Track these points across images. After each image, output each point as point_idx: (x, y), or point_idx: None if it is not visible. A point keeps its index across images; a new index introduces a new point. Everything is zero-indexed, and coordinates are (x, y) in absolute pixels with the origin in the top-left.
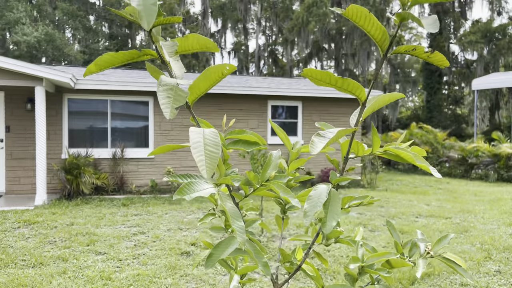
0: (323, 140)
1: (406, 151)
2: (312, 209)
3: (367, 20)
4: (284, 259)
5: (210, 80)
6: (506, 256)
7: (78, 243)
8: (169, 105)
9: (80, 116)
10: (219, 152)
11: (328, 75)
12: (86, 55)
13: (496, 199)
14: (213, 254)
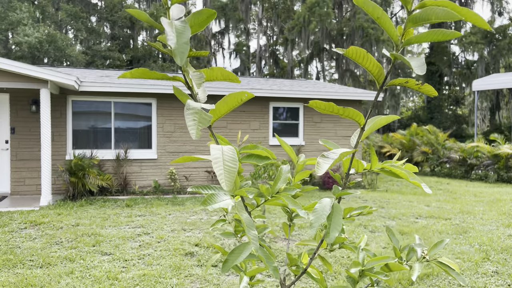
0: (327, 161)
1: (401, 168)
2: (317, 220)
3: (365, 59)
4: (291, 262)
5: (230, 105)
6: (504, 257)
7: (84, 243)
8: (195, 127)
9: (84, 118)
10: (236, 167)
11: (331, 105)
12: (88, 56)
13: (496, 200)
14: (229, 259)
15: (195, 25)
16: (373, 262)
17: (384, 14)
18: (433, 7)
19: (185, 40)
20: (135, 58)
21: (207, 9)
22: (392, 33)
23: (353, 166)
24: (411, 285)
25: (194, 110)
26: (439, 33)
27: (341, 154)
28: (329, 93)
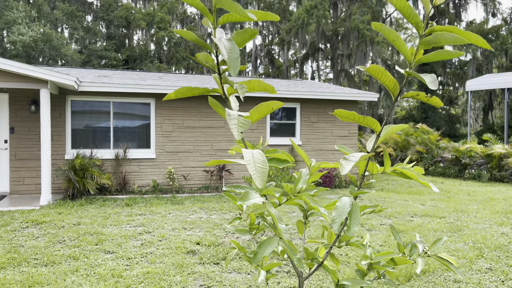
0: (349, 163)
1: (411, 170)
2: (339, 217)
3: (384, 75)
4: (308, 256)
5: (261, 113)
6: (497, 254)
7: (87, 242)
8: (236, 129)
9: (83, 118)
10: (267, 168)
11: (353, 114)
12: (84, 55)
13: (489, 199)
14: (258, 252)
15: (238, 43)
16: (380, 257)
17: (399, 37)
18: (443, 33)
19: (236, 56)
20: (131, 57)
21: (250, 29)
22: (406, 53)
23: (368, 169)
24: (408, 281)
25: (234, 116)
26: (445, 53)
27: (360, 157)
28: (325, 94)
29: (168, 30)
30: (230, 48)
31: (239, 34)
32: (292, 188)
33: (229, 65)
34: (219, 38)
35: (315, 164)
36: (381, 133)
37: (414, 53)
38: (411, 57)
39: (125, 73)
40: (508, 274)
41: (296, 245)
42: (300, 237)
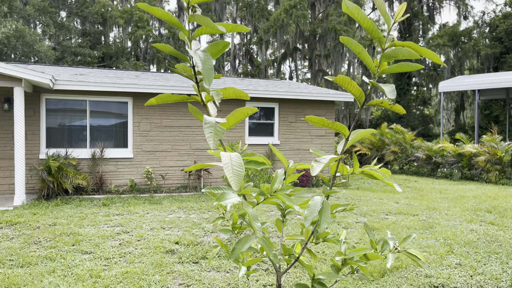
0: (319, 165)
1: (378, 171)
2: (311, 214)
3: (350, 84)
4: (285, 252)
5: (237, 118)
6: (466, 250)
7: (63, 243)
8: (211, 138)
9: (59, 116)
10: (243, 171)
11: (323, 120)
12: (58, 52)
13: (459, 196)
14: (236, 248)
15: (213, 54)
16: (354, 252)
17: (364, 51)
18: (400, 48)
19: (210, 67)
20: (107, 55)
21: (222, 41)
22: (370, 66)
23: (339, 170)
24: (382, 277)
25: (210, 124)
26: (406, 66)
27: (330, 159)
28: (303, 94)
29: (147, 28)
30: (205, 59)
31: (213, 46)
32: (269, 188)
33: (204, 75)
34: (195, 51)
35: (292, 166)
36: (349, 137)
37: (378, 65)
38: (375, 69)
39: (101, 71)
40: (476, 269)
41: (275, 243)
42: (279, 235)
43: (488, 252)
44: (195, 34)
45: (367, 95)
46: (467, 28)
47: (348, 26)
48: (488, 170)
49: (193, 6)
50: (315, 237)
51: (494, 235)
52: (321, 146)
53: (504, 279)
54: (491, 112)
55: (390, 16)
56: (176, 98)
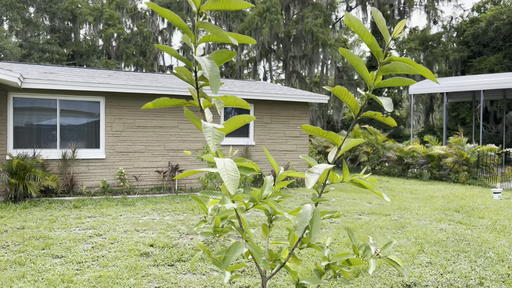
0: (314, 176)
1: (366, 181)
2: (302, 224)
3: (346, 95)
4: (271, 257)
5: (234, 125)
6: (436, 249)
7: (33, 247)
8: (211, 141)
9: (27, 116)
10: (238, 176)
11: (318, 129)
12: (25, 49)
13: (429, 196)
14: (227, 256)
15: (217, 62)
16: (337, 258)
17: (361, 63)
18: (399, 63)
19: (216, 75)
20: (77, 53)
21: (228, 50)
22: (367, 78)
23: (329, 178)
24: (357, 277)
25: (209, 129)
26: (401, 80)
27: (324, 170)
28: (278, 95)
29: (118, 27)
30: (211, 67)
31: (218, 54)
32: (259, 195)
33: (211, 83)
34: (200, 57)
35: (283, 173)
36: (341, 146)
37: (374, 77)
38: (371, 81)
39: (72, 69)
40: (446, 267)
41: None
42: (262, 237)
43: (457, 251)
44: (201, 40)
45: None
46: (437, 33)
47: (323, 27)
48: (456, 171)
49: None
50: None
51: (463, 234)
52: (296, 147)
53: (473, 277)
54: (458, 114)
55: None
56: (174, 102)
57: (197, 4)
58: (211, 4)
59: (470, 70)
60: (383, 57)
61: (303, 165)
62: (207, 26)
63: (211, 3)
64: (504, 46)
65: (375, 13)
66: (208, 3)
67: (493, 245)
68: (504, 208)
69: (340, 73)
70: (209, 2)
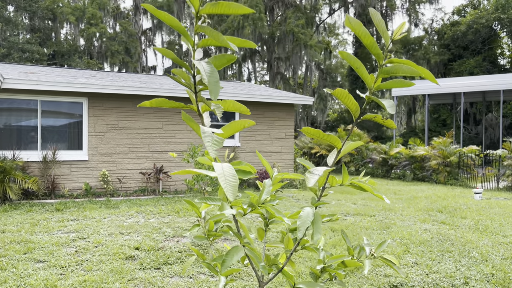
0: (314, 176)
1: (366, 184)
2: (303, 225)
3: (347, 98)
4: (269, 262)
5: (233, 129)
6: (421, 250)
7: (14, 251)
8: (210, 146)
9: (7, 117)
10: (237, 181)
11: (318, 132)
12: (4, 49)
13: (413, 197)
14: (226, 260)
15: (216, 66)
16: (332, 260)
17: (362, 66)
18: (401, 65)
19: (216, 80)
20: (58, 52)
21: (228, 54)
22: (367, 80)
23: (328, 181)
24: (344, 278)
25: (208, 133)
26: (401, 82)
27: (324, 172)
28: (263, 96)
29: (100, 26)
30: (210, 72)
31: (218, 58)
32: (258, 199)
33: (210, 89)
34: (199, 62)
35: (278, 175)
36: (341, 149)
37: (374, 80)
38: (371, 84)
39: (53, 69)
40: (431, 267)
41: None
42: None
43: (441, 251)
44: (200, 44)
45: (362, 108)
46: (418, 36)
47: (305, 29)
48: (438, 172)
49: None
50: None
51: (446, 234)
52: (281, 148)
53: (458, 277)
54: (440, 115)
55: (388, 34)
56: (172, 104)
57: (196, 7)
58: (210, 7)
59: (450, 73)
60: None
61: (288, 167)
62: (206, 30)
63: (210, 6)
64: (483, 49)
65: (374, 15)
66: (207, 6)
67: (476, 245)
68: (486, 208)
69: (324, 75)
70: (208, 5)
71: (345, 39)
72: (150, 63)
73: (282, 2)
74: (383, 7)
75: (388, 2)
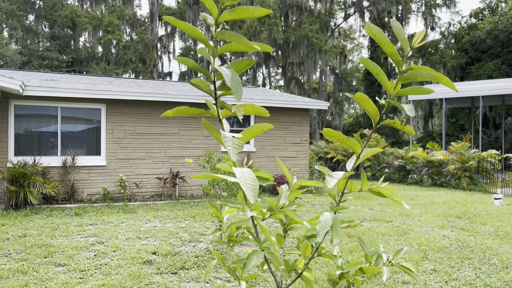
0: (333, 179)
1: (384, 189)
2: (323, 230)
3: (367, 103)
4: (288, 268)
5: (253, 133)
6: (440, 256)
7: (35, 255)
8: (232, 151)
9: (28, 123)
10: (257, 185)
11: (339, 134)
12: (25, 57)
13: (430, 203)
14: (247, 263)
15: (236, 70)
16: (350, 266)
17: (382, 72)
18: (420, 70)
19: (238, 83)
20: (77, 60)
21: (246, 59)
22: (387, 86)
23: (348, 187)
24: (361, 284)
25: (229, 138)
26: (420, 89)
27: (343, 175)
28: (278, 102)
29: (116, 33)
30: (231, 75)
31: (237, 63)
32: (277, 204)
33: (234, 91)
34: (220, 67)
35: (297, 182)
36: (360, 154)
37: (394, 86)
38: (390, 90)
39: (73, 76)
40: (451, 274)
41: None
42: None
43: (461, 258)
44: (220, 50)
45: (381, 113)
46: (433, 40)
47: (320, 34)
48: (458, 177)
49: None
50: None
51: (466, 240)
52: (297, 153)
53: (478, 285)
54: (457, 120)
55: (408, 43)
56: (194, 112)
57: (215, 15)
58: (229, 14)
59: (468, 77)
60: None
61: (303, 172)
62: (227, 35)
63: (229, 13)
64: (502, 52)
65: (395, 25)
66: (226, 13)
67: (496, 252)
68: (506, 214)
69: (339, 79)
70: (227, 12)
71: (361, 43)
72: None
73: (297, 7)
74: (399, 11)
75: (403, 6)
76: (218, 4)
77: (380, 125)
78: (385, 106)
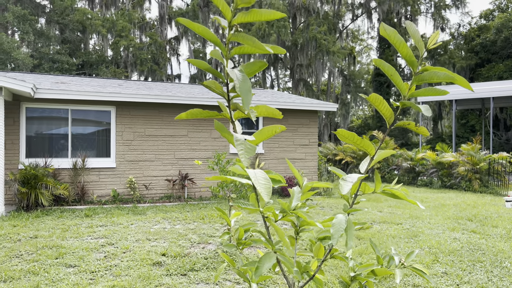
0: (348, 184)
1: (399, 191)
2: (337, 232)
3: (382, 104)
4: (300, 269)
5: (265, 135)
6: (451, 259)
7: (46, 256)
8: (243, 154)
9: (39, 126)
10: (270, 184)
11: (353, 135)
12: (36, 60)
13: (440, 205)
14: (259, 266)
15: (248, 74)
16: (362, 269)
17: (396, 74)
18: (436, 71)
19: (248, 88)
20: (87, 63)
21: (259, 61)
22: (401, 87)
23: (361, 189)
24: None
25: (241, 141)
26: (434, 90)
27: (358, 178)
28: (287, 103)
29: (129, 38)
30: (242, 80)
31: (249, 66)
32: (289, 205)
33: (242, 97)
34: (232, 70)
35: (308, 183)
36: (374, 156)
37: (409, 87)
38: (405, 91)
39: (83, 79)
40: (462, 278)
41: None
42: None
43: (472, 261)
44: (233, 52)
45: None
46: (443, 41)
47: (328, 35)
48: (469, 179)
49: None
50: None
51: (477, 243)
52: (305, 155)
53: None
54: (468, 121)
55: (423, 44)
56: (207, 114)
57: (228, 18)
58: (242, 16)
59: (478, 78)
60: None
61: (312, 174)
62: (241, 37)
63: (242, 15)
64: None
65: (410, 26)
66: (239, 16)
67: (509, 255)
68: None
69: (347, 81)
70: (240, 14)
71: (370, 44)
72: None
73: (305, 9)
74: (407, 12)
75: (412, 8)
76: (231, 7)
77: (394, 127)
78: (399, 108)
